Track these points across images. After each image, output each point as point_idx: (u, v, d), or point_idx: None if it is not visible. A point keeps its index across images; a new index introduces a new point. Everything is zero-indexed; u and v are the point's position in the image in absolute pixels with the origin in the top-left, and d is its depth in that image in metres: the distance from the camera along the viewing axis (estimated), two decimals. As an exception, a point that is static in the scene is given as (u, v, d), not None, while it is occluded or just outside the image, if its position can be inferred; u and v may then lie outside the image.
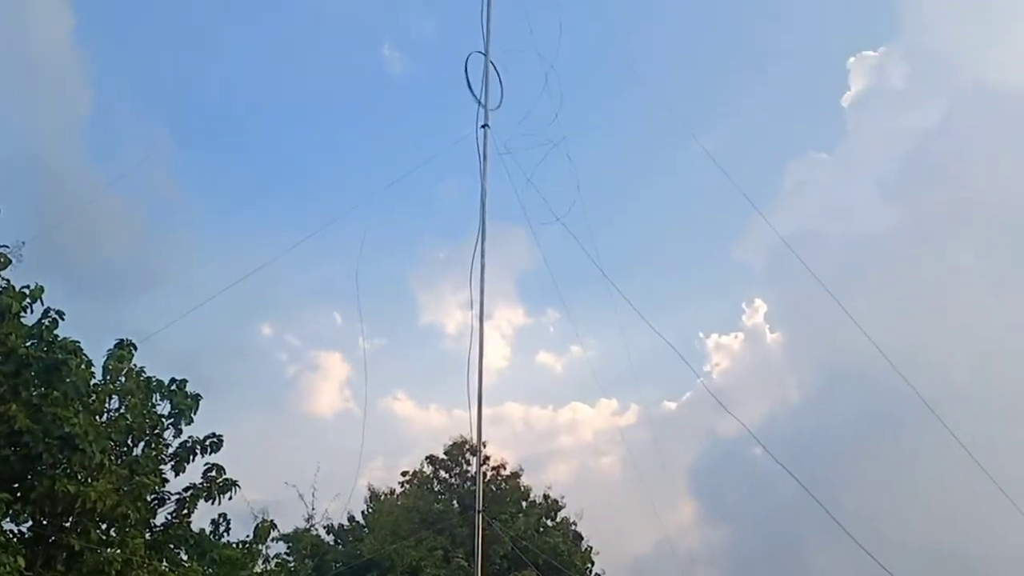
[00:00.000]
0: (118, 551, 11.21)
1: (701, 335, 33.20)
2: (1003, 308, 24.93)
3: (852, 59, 31.20)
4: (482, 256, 10.56)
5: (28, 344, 11.41)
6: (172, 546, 12.47)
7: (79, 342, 11.82)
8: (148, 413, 12.55)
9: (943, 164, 27.68)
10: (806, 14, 34.56)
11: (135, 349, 12.82)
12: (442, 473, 27.95)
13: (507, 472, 27.66)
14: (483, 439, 10.77)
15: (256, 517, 14.56)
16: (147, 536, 11.99)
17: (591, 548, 27.37)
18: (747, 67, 34.06)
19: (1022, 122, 27.23)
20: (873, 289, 26.06)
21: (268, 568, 16.72)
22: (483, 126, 11.04)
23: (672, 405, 34.57)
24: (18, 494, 10.73)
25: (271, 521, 13.99)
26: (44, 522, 11.08)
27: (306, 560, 23.66)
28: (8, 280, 11.51)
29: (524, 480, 27.81)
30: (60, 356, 11.32)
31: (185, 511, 12.48)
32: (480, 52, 11.17)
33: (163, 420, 12.74)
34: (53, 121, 28.54)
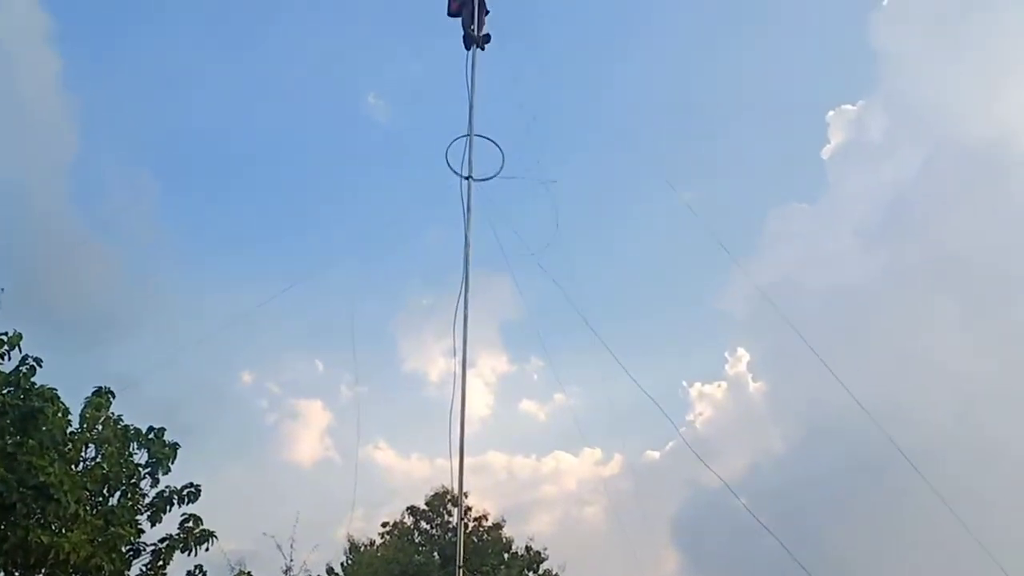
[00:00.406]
0: (91, 604, 10.97)
1: (684, 383, 33.23)
2: (984, 358, 25.11)
3: (831, 112, 31.73)
4: (465, 306, 10.57)
5: (5, 391, 11.27)
6: (146, 599, 12.23)
7: (56, 389, 11.69)
8: (125, 462, 12.37)
9: (922, 215, 28.10)
10: (786, 68, 35.21)
11: (113, 397, 12.69)
12: (423, 524, 27.62)
13: (489, 523, 27.36)
14: (465, 489, 10.65)
15: (233, 569, 14.28)
16: (121, 588, 11.75)
17: (573, 600, 27.01)
18: (728, 119, 34.61)
19: (999, 174, 27.63)
20: (854, 338, 26.21)
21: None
22: (466, 178, 11.14)
23: (656, 455, 34.46)
24: (-10, 545, 10.52)
25: (248, 573, 13.74)
26: (16, 573, 10.86)
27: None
28: (-14, 327, 11.41)
29: (506, 531, 27.54)
30: (36, 404, 11.18)
31: (161, 563, 12.25)
32: (464, 135, 11.26)
33: (140, 469, 12.55)
34: (38, 165, 28.57)
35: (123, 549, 11.79)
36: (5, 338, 11.47)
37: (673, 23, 36.44)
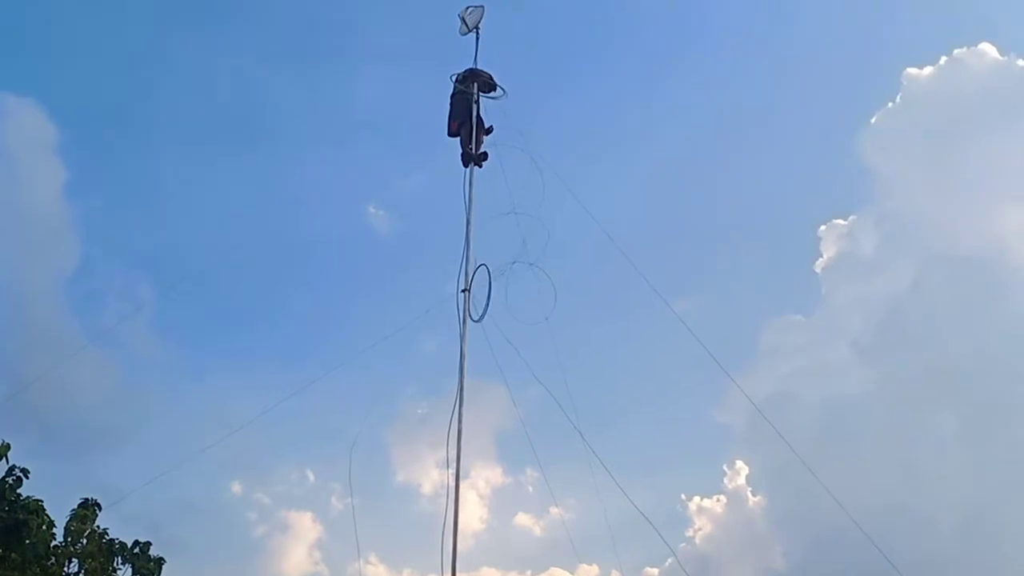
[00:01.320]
0: None
1: (683, 496, 32.60)
2: (987, 469, 24.80)
3: (823, 227, 32.20)
4: (459, 421, 10.45)
5: (-11, 503, 11.10)
6: None
7: (42, 501, 11.55)
8: (108, 578, 12.09)
9: (917, 327, 28.14)
10: (778, 183, 35.97)
11: (99, 509, 12.51)
12: (414, 642, 26.70)
13: (482, 642, 26.45)
14: (458, 608, 10.32)
15: None
16: None
17: None
18: (722, 233, 35.13)
19: (991, 286, 27.85)
20: (853, 451, 25.91)
21: None
22: (463, 291, 11.21)
23: (654, 572, 33.56)
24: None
25: None
26: None
27: None
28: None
29: (501, 650, 26.57)
30: (21, 516, 11.02)
31: None
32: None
33: (123, 585, 12.26)
34: (39, 274, 28.73)
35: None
36: (-7, 448, 11.35)
37: (669, 138, 37.40)
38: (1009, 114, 30.05)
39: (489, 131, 12.81)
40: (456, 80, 12.90)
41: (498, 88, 12.87)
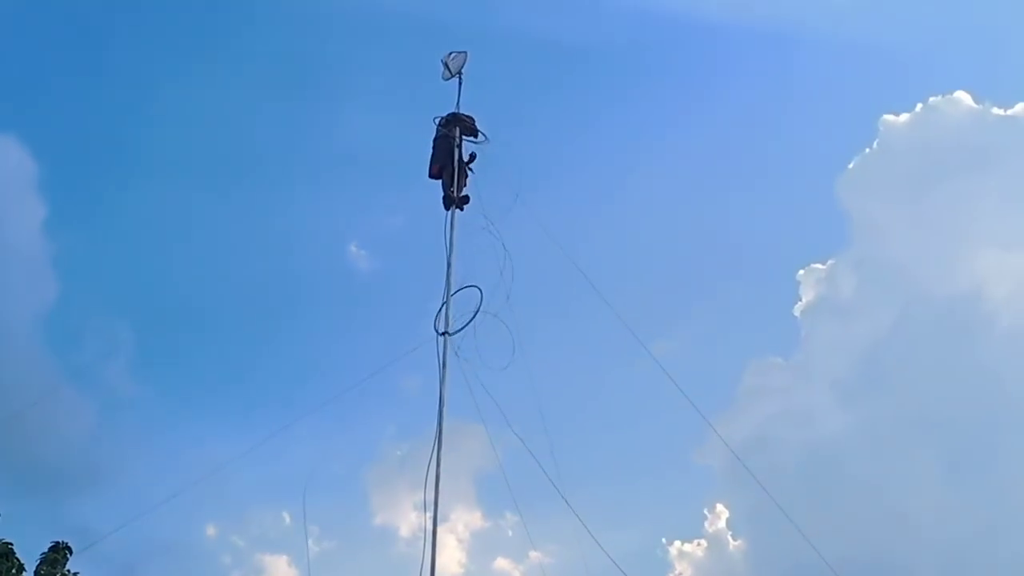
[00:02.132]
0: None
1: (664, 541, 32.36)
2: (968, 512, 24.78)
3: (801, 271, 32.45)
4: (438, 465, 10.36)
5: (-43, 547, 10.88)
6: None
7: (12, 544, 11.36)
8: (77, 624, 11.83)
9: (896, 369, 28.25)
10: (756, 227, 36.26)
11: (70, 553, 12.27)
12: None
13: None
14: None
15: None
16: None
17: None
18: (703, 277, 35.36)
19: (969, 328, 28.07)
20: (834, 494, 25.83)
21: None
22: (442, 334, 11.18)
23: (636, 616, 33.22)
24: None
25: None
26: None
27: None
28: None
29: None
30: (-11, 560, 10.77)
31: None
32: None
33: (93, 632, 12.00)
34: (16, 311, 28.41)
35: None
36: (-37, 491, 11.16)
37: (650, 182, 37.70)
38: (983, 160, 30.50)
39: (472, 159, 12.91)
40: (439, 124, 12.99)
41: (480, 134, 12.97)
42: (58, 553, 12.09)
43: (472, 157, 12.92)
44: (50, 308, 30.63)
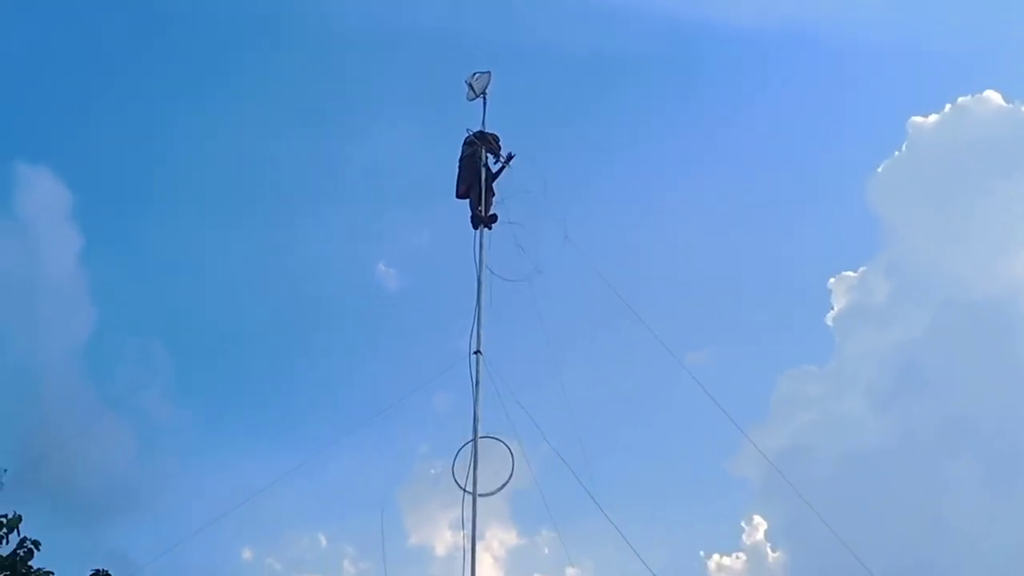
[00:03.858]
0: None
1: (702, 554, 32.01)
2: (1011, 518, 24.35)
3: (832, 279, 32.10)
4: (475, 485, 10.35)
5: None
6: None
7: (52, 573, 11.37)
8: (119, 652, 11.86)
9: (932, 375, 27.84)
10: (785, 235, 35.98)
11: (110, 581, 12.30)
12: None
13: None
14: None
15: None
16: None
17: None
18: (730, 291, 35.11)
19: (1004, 331, 27.65)
20: (873, 503, 25.45)
21: None
22: (475, 352, 11.18)
23: (677, 632, 32.79)
24: None
25: None
26: None
27: None
28: (-12, 510, 11.18)
29: None
30: (32, 590, 10.81)
31: None
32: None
33: (134, 660, 12.03)
34: (55, 342, 28.79)
35: None
36: (4, 520, 11.23)
37: (680, 194, 37.47)
38: (1015, 160, 30.12)
39: (511, 158, 12.99)
40: (465, 143, 13.06)
41: (501, 156, 13.01)
42: (99, 580, 12.12)
43: (510, 156, 12.98)
44: (87, 337, 31.03)
